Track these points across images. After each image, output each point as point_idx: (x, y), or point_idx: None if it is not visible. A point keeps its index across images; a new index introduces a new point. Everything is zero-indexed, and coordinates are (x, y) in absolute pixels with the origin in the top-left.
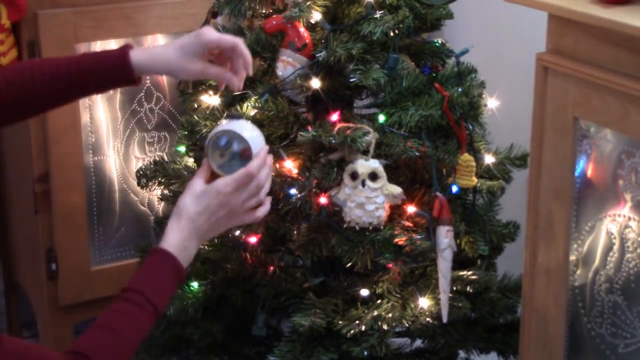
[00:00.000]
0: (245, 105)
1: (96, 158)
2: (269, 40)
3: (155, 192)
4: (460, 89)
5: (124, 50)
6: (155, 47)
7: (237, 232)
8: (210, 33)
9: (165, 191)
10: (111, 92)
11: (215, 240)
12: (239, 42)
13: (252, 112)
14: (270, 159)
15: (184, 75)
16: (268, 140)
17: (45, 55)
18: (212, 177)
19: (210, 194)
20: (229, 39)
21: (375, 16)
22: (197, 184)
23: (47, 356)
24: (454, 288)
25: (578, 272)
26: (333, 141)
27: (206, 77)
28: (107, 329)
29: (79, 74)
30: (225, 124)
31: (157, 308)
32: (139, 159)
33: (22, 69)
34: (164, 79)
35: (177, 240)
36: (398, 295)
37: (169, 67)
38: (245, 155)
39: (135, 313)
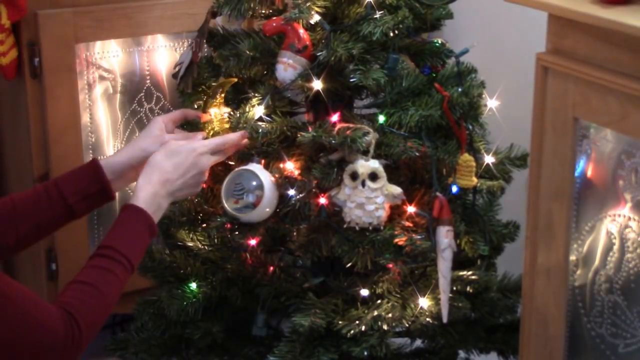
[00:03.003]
0: (247, 108)
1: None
2: (267, 44)
3: None
4: (460, 89)
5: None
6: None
7: (237, 234)
8: (162, 118)
9: None
10: (111, 92)
11: (216, 240)
12: (187, 110)
13: (257, 114)
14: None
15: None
16: (268, 140)
17: (45, 55)
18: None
19: (186, 151)
20: (177, 113)
21: (375, 16)
22: (172, 142)
23: (41, 306)
24: (454, 288)
25: (578, 272)
26: (333, 141)
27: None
28: (86, 284)
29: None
30: (243, 172)
31: (132, 262)
32: None
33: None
34: (164, 79)
35: (148, 195)
36: (398, 295)
37: (140, 146)
38: (257, 204)
39: (111, 268)
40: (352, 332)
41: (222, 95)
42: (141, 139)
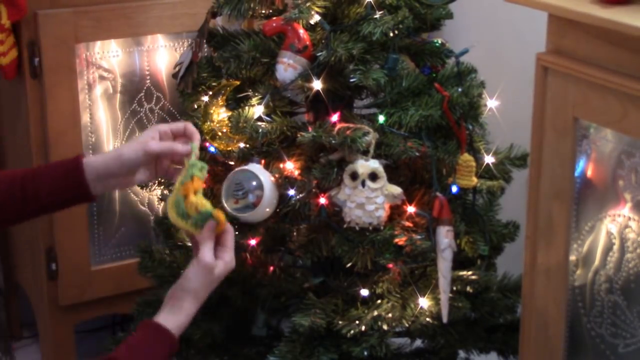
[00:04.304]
0: (247, 108)
1: None
2: (267, 44)
3: (155, 192)
4: (460, 89)
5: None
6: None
7: (237, 234)
8: (159, 127)
9: (165, 191)
10: (111, 92)
11: None
12: (187, 125)
13: (257, 114)
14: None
15: (134, 160)
16: (268, 140)
17: (45, 55)
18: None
19: (218, 267)
20: (179, 124)
21: (375, 16)
22: (208, 257)
23: None
24: (454, 288)
25: (578, 272)
26: (333, 141)
27: (150, 149)
28: None
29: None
30: (243, 172)
31: None
32: None
33: None
34: (164, 79)
35: (183, 320)
36: (398, 295)
37: (119, 156)
38: (257, 204)
39: None
40: (352, 332)
41: (224, 97)
42: (126, 144)
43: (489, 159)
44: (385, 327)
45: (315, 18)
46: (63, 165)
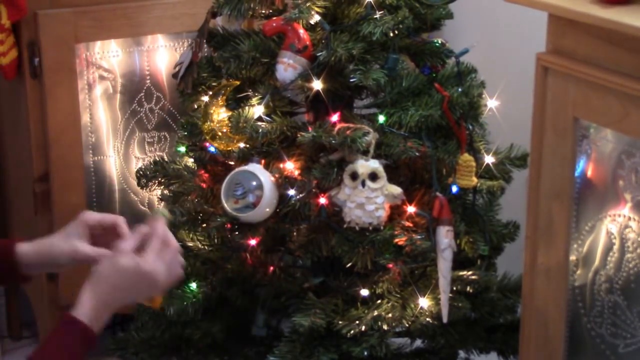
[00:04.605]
0: (247, 108)
1: (96, 158)
2: (267, 44)
3: (155, 192)
4: (460, 89)
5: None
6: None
7: (237, 234)
8: (90, 215)
9: (165, 191)
10: (111, 92)
11: (216, 240)
12: (120, 221)
13: (257, 114)
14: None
15: (65, 258)
16: (268, 140)
17: (45, 55)
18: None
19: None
20: (110, 218)
21: (375, 16)
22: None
23: None
24: (454, 288)
25: (578, 272)
26: (333, 141)
27: (80, 256)
28: None
29: None
30: (243, 172)
31: None
32: (139, 159)
33: None
34: (164, 79)
35: (92, 307)
36: (398, 295)
37: (49, 252)
38: (256, 204)
39: None
40: (352, 332)
41: (224, 97)
42: (56, 239)
43: (489, 159)
44: (385, 327)
45: (315, 18)
46: None
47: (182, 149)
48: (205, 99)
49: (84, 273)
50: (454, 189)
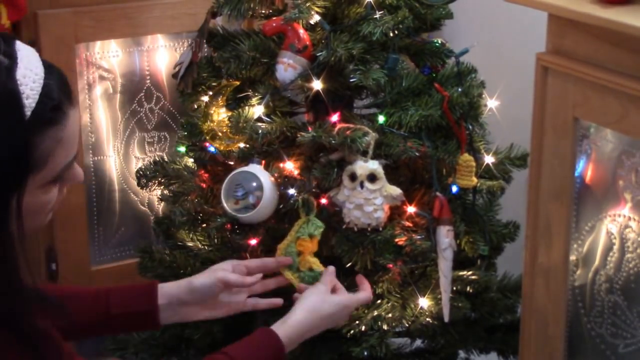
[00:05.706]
0: (247, 108)
1: (96, 158)
2: (267, 44)
3: (155, 192)
4: (460, 89)
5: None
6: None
7: (237, 234)
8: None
9: (165, 191)
10: (111, 92)
11: (216, 241)
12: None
13: (256, 114)
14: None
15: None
16: (268, 140)
17: (45, 55)
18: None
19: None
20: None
21: (375, 16)
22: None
23: None
24: (454, 288)
25: (578, 272)
26: (333, 142)
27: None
28: None
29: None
30: (243, 173)
31: None
32: (139, 159)
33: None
34: (164, 79)
35: (297, 333)
36: (398, 295)
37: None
38: (257, 205)
39: None
40: (352, 332)
41: (224, 97)
42: (200, 274)
43: (489, 159)
44: (385, 327)
45: (315, 18)
46: (139, 285)
47: (182, 149)
48: (205, 99)
49: (85, 273)
50: (454, 189)
